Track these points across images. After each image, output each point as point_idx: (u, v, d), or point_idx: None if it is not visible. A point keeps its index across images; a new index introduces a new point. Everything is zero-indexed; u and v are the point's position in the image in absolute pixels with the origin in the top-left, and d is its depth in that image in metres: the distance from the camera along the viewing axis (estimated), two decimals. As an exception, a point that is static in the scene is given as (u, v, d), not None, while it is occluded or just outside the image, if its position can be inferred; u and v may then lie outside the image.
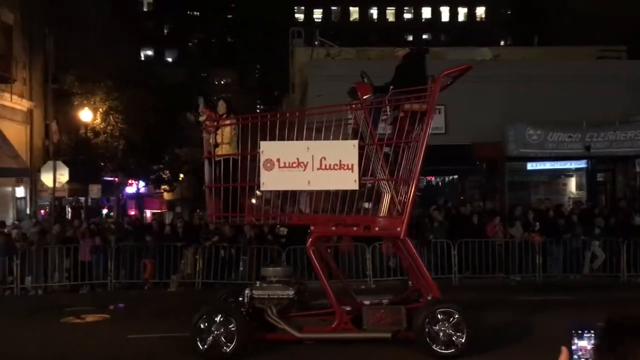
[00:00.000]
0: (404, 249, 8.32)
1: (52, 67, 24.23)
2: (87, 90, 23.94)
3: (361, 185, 7.79)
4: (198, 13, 70.73)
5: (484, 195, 20.42)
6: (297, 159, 7.67)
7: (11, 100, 21.37)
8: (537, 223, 15.01)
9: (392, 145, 7.89)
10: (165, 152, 29.56)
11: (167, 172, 30.78)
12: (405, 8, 63.40)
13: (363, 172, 7.80)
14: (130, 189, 31.27)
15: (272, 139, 7.90)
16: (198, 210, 19.20)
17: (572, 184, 20.84)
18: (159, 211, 34.17)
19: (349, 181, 7.63)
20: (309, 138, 7.95)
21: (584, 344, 1.80)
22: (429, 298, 7.95)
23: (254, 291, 8.05)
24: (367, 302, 8.32)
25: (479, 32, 55.20)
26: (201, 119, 8.93)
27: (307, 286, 8.92)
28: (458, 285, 14.01)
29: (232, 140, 8.45)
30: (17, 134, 21.69)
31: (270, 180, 7.77)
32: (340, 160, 7.63)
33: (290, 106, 28.85)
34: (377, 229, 8.08)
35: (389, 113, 8.05)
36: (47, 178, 20.05)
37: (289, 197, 8.13)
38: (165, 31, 67.17)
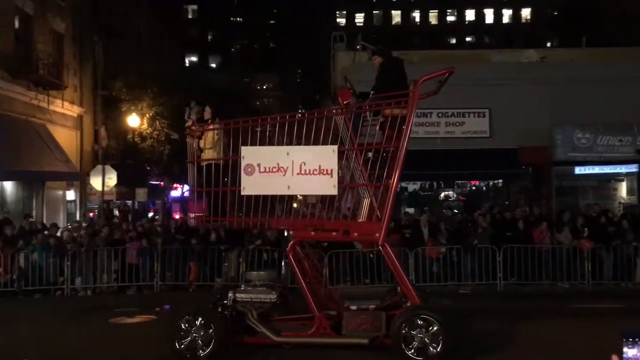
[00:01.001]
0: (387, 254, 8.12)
1: (101, 74, 24.96)
2: (135, 97, 24.56)
3: (341, 190, 7.82)
4: (241, 19, 71.65)
5: (530, 201, 19.99)
6: (278, 164, 7.71)
7: (62, 106, 22.10)
8: (586, 229, 14.60)
9: (372, 150, 7.85)
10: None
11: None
12: (449, 10, 62.75)
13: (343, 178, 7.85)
14: (175, 193, 31.89)
15: (254, 144, 7.94)
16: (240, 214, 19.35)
17: (622, 188, 20.20)
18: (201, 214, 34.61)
19: (328, 186, 7.65)
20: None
21: (635, 352, 1.76)
22: (408, 304, 7.84)
23: (237, 294, 8.05)
24: (353, 307, 8.24)
25: (524, 34, 54.11)
26: (187, 124, 9.11)
27: (288, 290, 8.81)
28: (503, 292, 13.75)
29: (215, 145, 8.60)
30: (68, 139, 22.41)
31: (251, 185, 7.82)
32: (319, 166, 7.64)
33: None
34: (356, 234, 8.05)
35: (369, 118, 7.96)
36: (96, 182, 20.61)
37: (328, 201, 8.09)
38: (209, 37, 68.31)
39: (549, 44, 45.62)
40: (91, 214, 23.17)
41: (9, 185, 19.05)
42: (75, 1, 23.81)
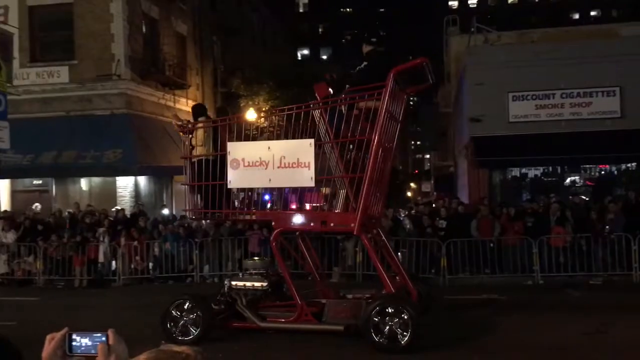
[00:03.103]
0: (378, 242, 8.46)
1: (221, 72, 26.14)
2: (252, 92, 25.47)
3: (318, 181, 8.14)
4: (350, 9, 71.83)
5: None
6: (260, 158, 8.09)
7: (187, 104, 23.41)
8: None
9: (347, 143, 8.09)
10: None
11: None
12: (570, -16, 58.81)
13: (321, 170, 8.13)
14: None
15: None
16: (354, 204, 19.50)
17: None
18: (317, 205, 35.27)
19: (305, 178, 7.96)
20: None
21: None
22: (382, 292, 8.02)
23: (232, 282, 8.53)
24: (349, 297, 8.58)
25: (658, 4, 49.47)
26: (177, 123, 9.57)
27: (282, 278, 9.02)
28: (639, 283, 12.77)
29: (205, 142, 8.97)
30: (192, 135, 23.71)
31: (236, 179, 8.27)
32: (298, 159, 7.94)
33: (446, 97, 28.22)
34: (332, 224, 8.35)
35: (344, 111, 8.19)
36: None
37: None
38: (320, 30, 69.18)
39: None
40: (236, 201, 24.36)
41: (142, 180, 20.54)
42: (195, 3, 25.09)
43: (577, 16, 55.71)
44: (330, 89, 8.47)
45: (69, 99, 19.70)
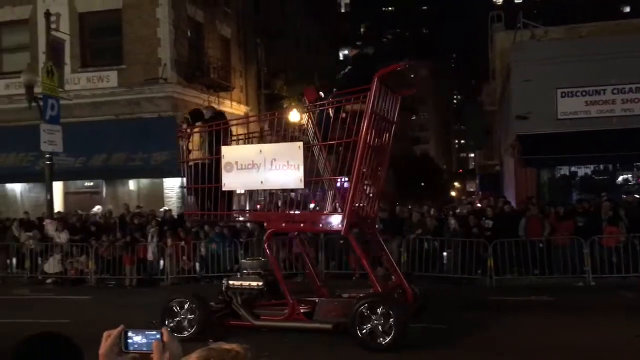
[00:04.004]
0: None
1: (264, 74, 26.39)
2: (294, 93, 25.62)
3: (308, 183, 8.35)
4: (392, 8, 71.51)
5: None
6: (252, 160, 8.35)
7: (231, 106, 23.74)
8: None
9: (334, 145, 8.36)
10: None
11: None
12: (620, -24, 57.01)
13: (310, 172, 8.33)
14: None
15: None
16: (397, 204, 19.41)
17: None
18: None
19: (295, 180, 8.20)
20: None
21: None
22: (370, 291, 8.28)
23: (229, 281, 8.83)
24: (345, 295, 8.75)
25: None
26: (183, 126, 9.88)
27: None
28: None
29: (201, 146, 9.27)
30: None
31: (230, 181, 8.55)
32: (288, 161, 8.17)
33: (491, 94, 27.74)
34: (321, 225, 8.58)
35: (332, 115, 8.41)
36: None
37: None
38: (362, 30, 69.09)
39: None
40: (258, 206, 24.62)
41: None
42: (239, 7, 25.42)
43: (627, 9, 53.94)
44: (321, 93, 8.88)
45: (117, 102, 20.24)
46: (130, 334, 1.65)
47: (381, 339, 7.57)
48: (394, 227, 15.15)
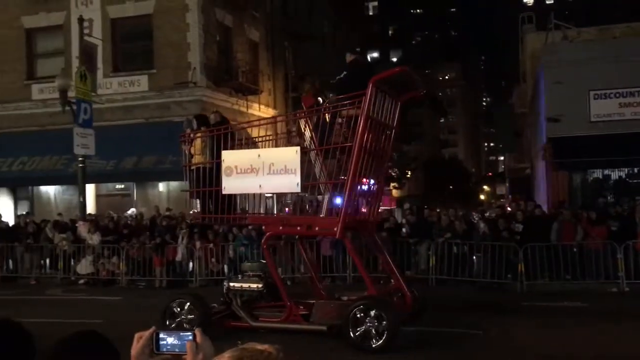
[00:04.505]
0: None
1: (292, 77, 26.48)
2: (322, 95, 25.62)
3: (304, 187, 8.50)
4: (421, 10, 71.17)
5: None
6: (251, 165, 8.51)
7: (259, 109, 23.88)
8: None
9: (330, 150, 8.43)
10: (394, 150, 30.29)
11: (396, 169, 31.52)
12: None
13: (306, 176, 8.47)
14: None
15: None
16: (425, 207, 19.30)
17: None
18: (388, 208, 35.13)
19: (292, 184, 8.34)
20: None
21: None
22: (365, 294, 8.48)
23: (230, 283, 9.06)
24: (344, 298, 8.89)
25: None
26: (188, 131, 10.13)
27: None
28: None
29: (202, 151, 9.52)
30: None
31: (230, 185, 8.73)
32: (285, 166, 8.30)
33: (522, 96, 27.36)
34: (317, 228, 8.76)
35: (327, 120, 8.56)
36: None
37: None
38: (390, 32, 68.88)
39: None
40: (287, 209, 24.68)
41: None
42: (267, 10, 25.57)
43: (663, 8, 52.57)
44: (319, 99, 9.04)
45: (148, 106, 20.53)
46: (162, 335, 1.66)
47: (373, 340, 7.73)
48: (422, 230, 15.05)
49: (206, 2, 20.69)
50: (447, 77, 77.05)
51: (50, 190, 21.95)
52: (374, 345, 7.71)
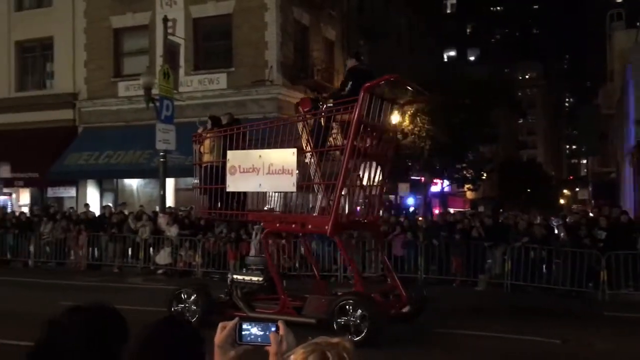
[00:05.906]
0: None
1: (367, 76, 26.38)
2: (397, 95, 25.41)
3: (300, 187, 8.92)
4: (501, 8, 69.24)
5: None
6: (252, 165, 8.97)
7: (333, 108, 23.98)
8: None
9: (324, 152, 8.92)
10: (470, 151, 29.61)
11: (471, 171, 30.79)
12: None
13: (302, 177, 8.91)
14: (434, 188, 32.21)
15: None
16: (501, 210, 18.75)
17: None
18: (462, 210, 34.42)
19: (288, 184, 8.78)
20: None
21: None
22: (352, 290, 9.05)
23: (234, 276, 9.58)
24: (339, 293, 9.16)
25: None
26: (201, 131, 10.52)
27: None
28: None
29: (211, 150, 10.01)
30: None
31: (234, 183, 9.19)
32: (283, 166, 8.75)
33: (609, 96, 26.04)
34: (310, 226, 9.23)
35: (323, 124, 9.00)
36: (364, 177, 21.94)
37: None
38: (468, 30, 67.39)
39: None
40: (357, 208, 24.68)
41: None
42: (343, 9, 25.63)
43: None
44: (319, 103, 9.52)
45: (226, 104, 21.02)
46: (245, 325, 1.70)
47: (354, 335, 7.90)
48: (498, 234, 14.63)
49: (284, 1, 20.98)
50: (527, 77, 74.54)
51: (133, 183, 22.97)
52: (355, 339, 7.82)
